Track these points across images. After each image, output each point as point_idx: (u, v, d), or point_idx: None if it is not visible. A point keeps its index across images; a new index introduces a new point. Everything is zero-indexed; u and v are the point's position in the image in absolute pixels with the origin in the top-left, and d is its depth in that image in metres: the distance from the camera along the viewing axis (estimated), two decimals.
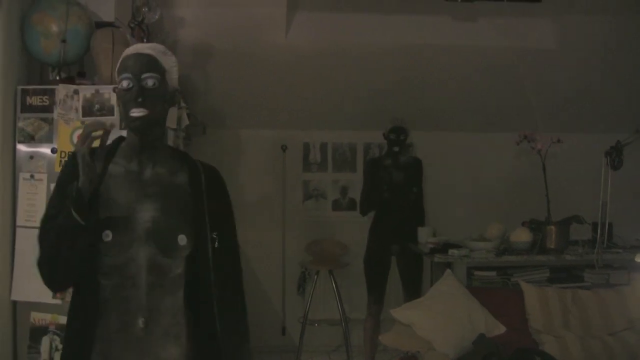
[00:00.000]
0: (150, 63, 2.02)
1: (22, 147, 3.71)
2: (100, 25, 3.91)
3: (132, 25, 4.17)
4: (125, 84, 1.99)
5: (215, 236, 2.11)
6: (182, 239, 2.01)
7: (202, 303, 2.06)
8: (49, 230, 1.94)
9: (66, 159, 2.10)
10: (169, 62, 2.08)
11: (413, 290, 5.37)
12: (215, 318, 2.07)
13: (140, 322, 1.97)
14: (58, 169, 3.54)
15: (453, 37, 5.55)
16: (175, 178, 2.10)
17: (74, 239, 1.89)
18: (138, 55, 2.03)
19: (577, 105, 6.23)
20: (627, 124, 5.07)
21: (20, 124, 3.71)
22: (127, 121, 2.01)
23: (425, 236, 5.13)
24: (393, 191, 5.43)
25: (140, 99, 1.97)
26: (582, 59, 5.72)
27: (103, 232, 1.95)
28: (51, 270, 1.97)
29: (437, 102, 6.22)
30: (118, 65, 2.07)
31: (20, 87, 3.74)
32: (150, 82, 1.99)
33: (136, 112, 1.97)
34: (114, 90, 3.59)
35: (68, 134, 3.66)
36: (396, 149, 5.44)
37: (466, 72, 5.89)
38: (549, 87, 5.91)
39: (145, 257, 1.98)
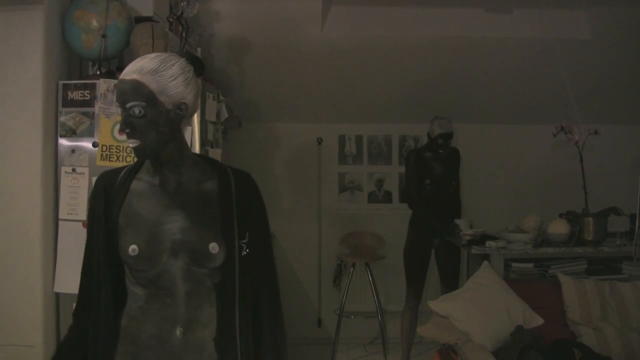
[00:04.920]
0: (133, 89, 1.90)
1: (63, 141, 3.77)
2: (140, 20, 3.95)
3: (170, 19, 4.21)
4: (120, 111, 1.95)
5: (243, 244, 2.05)
6: (214, 247, 1.97)
7: (227, 313, 2.01)
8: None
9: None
10: (163, 79, 1.92)
11: (452, 283, 5.37)
12: (237, 330, 2.02)
13: (178, 332, 1.96)
14: (99, 163, 3.65)
15: (487, 29, 5.52)
16: (203, 186, 2.06)
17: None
18: (121, 82, 1.92)
19: (613, 97, 6.16)
20: None
21: (62, 119, 3.77)
22: None
23: (462, 228, 5.11)
24: (434, 184, 5.41)
25: (128, 130, 1.91)
26: (617, 49, 5.65)
27: (129, 247, 1.94)
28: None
29: (473, 94, 6.20)
30: None
31: (61, 82, 3.79)
32: (136, 111, 1.89)
33: (131, 143, 1.94)
34: None
35: (109, 128, 3.71)
36: (441, 151, 5.42)
37: (501, 64, 5.85)
38: (584, 78, 5.85)
39: (179, 268, 1.97)
